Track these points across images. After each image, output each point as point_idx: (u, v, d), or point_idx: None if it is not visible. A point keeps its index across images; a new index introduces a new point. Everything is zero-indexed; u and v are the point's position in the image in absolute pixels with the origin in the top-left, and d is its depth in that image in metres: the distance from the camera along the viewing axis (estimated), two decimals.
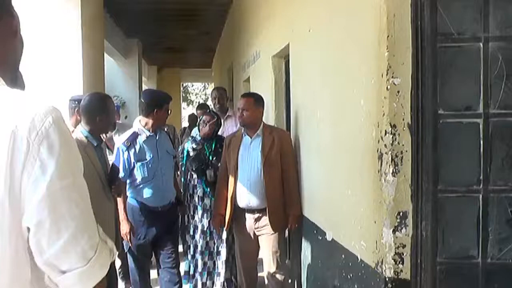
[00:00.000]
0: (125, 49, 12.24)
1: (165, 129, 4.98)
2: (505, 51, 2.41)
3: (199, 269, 5.11)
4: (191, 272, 5.18)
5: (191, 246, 5.18)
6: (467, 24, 2.44)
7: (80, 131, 3.67)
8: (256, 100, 4.46)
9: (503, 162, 2.45)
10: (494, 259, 2.47)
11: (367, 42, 2.66)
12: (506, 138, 2.44)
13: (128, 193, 4.42)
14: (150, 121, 4.39)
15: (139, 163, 4.31)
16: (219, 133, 5.43)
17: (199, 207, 5.09)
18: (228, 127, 6.41)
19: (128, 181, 4.39)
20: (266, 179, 4.25)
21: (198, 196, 5.10)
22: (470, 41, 2.44)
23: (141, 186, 4.36)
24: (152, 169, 4.35)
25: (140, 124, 4.42)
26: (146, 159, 4.34)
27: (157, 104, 4.39)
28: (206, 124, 5.09)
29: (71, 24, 6.64)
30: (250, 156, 4.36)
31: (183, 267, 5.14)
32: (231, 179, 4.47)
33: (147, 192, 4.38)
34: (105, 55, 9.03)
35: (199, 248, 5.09)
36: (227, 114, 6.57)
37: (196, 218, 5.11)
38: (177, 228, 4.90)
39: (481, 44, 2.43)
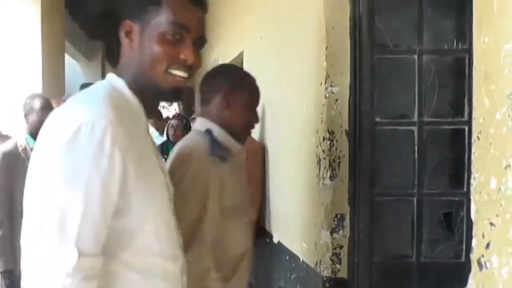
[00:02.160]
0: (87, 51, 12.14)
1: None
2: (438, 63, 2.55)
3: None
4: None
5: None
6: (403, 37, 2.57)
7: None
8: None
9: (436, 167, 2.59)
10: (427, 258, 2.60)
11: (309, 52, 2.78)
12: (439, 145, 2.58)
13: None
14: None
15: None
16: None
17: None
18: None
19: None
20: None
21: None
22: (405, 53, 2.57)
23: None
24: None
25: None
26: None
27: None
28: (174, 128, 5.14)
29: (30, 21, 6.56)
30: None
31: None
32: None
33: None
34: (67, 57, 8.98)
35: None
36: (192, 116, 6.30)
37: None
38: None
39: (416, 56, 2.55)
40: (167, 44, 1.39)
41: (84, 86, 3.25)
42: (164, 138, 5.41)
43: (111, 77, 1.45)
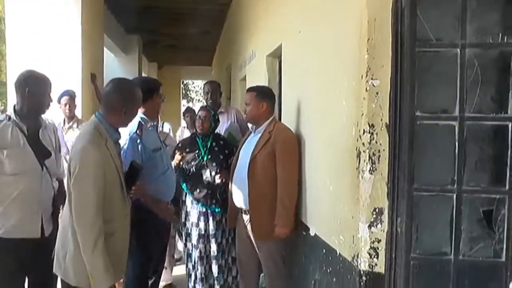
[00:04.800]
0: (125, 45, 12.32)
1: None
2: (481, 57, 2.52)
3: (202, 275, 4.82)
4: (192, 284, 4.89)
5: (185, 254, 4.97)
6: (445, 30, 2.54)
7: (99, 121, 3.07)
8: (259, 94, 4.10)
9: (476, 164, 2.56)
10: (465, 256, 2.58)
11: (350, 44, 2.77)
12: (480, 141, 2.55)
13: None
14: (143, 109, 3.84)
15: (157, 153, 3.87)
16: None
17: (193, 211, 4.79)
18: (220, 124, 5.69)
19: None
20: (250, 180, 3.92)
21: (192, 199, 4.81)
22: (447, 47, 2.54)
23: (159, 178, 3.86)
24: (165, 160, 4.00)
25: (140, 114, 3.84)
26: (161, 149, 3.95)
27: (148, 91, 3.83)
28: (201, 120, 4.85)
29: (71, 18, 6.73)
30: (246, 153, 4.06)
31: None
32: (231, 176, 4.25)
33: (163, 185, 3.95)
34: (105, 50, 9.13)
35: (197, 254, 4.79)
36: (219, 110, 5.96)
37: (188, 225, 4.83)
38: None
39: (458, 50, 2.53)
40: None
41: (113, 80, 3.24)
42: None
43: None
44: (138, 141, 3.74)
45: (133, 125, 3.70)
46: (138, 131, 3.76)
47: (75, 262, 2.85)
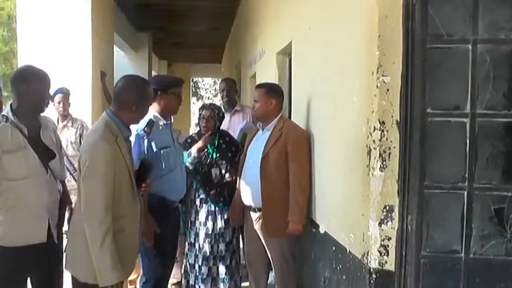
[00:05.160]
0: (135, 43, 12.34)
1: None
2: (493, 53, 2.50)
3: (204, 275, 4.71)
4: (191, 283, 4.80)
5: (192, 255, 4.82)
6: (456, 26, 2.52)
7: (110, 118, 3.04)
8: (268, 91, 4.10)
9: (488, 161, 2.54)
10: (476, 254, 2.56)
11: (360, 41, 2.76)
12: (492, 138, 2.53)
13: None
14: (157, 107, 3.93)
15: (163, 151, 3.84)
16: (225, 128, 5.21)
17: (202, 211, 4.73)
18: (235, 123, 5.83)
19: None
20: (262, 177, 3.89)
21: (201, 198, 4.74)
22: (459, 42, 2.52)
23: (163, 177, 3.82)
24: (173, 159, 3.93)
25: (154, 111, 3.90)
26: (169, 147, 3.91)
27: (160, 88, 3.90)
28: (205, 119, 4.72)
29: (82, 16, 6.75)
30: (256, 150, 4.03)
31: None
32: (239, 174, 4.24)
33: (169, 184, 3.89)
34: (115, 48, 9.15)
35: (202, 253, 4.70)
36: (235, 108, 5.96)
37: (197, 224, 4.75)
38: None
39: (470, 46, 2.51)
40: None
41: (125, 76, 3.23)
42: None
43: None
44: (145, 138, 3.73)
45: (143, 122, 3.68)
46: (146, 129, 3.74)
47: (84, 258, 2.84)
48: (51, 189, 3.23)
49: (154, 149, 3.78)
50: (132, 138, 3.42)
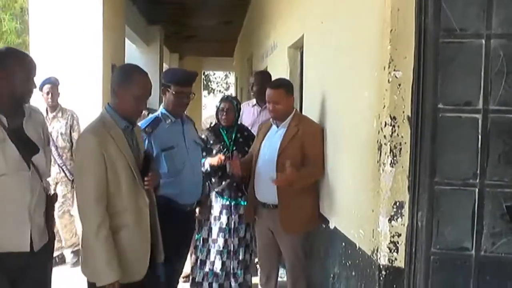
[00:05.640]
0: (147, 36, 12.35)
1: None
2: (507, 48, 2.47)
3: (217, 270, 4.65)
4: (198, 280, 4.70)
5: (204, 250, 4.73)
6: (470, 20, 2.49)
7: (106, 111, 2.91)
8: (288, 91, 3.97)
9: (500, 158, 2.51)
10: (487, 252, 2.54)
11: (372, 35, 2.73)
12: (504, 134, 2.50)
13: None
14: (165, 103, 3.76)
15: (165, 153, 3.63)
16: (251, 122, 5.18)
17: (216, 205, 4.65)
18: (263, 118, 5.40)
19: None
20: (279, 173, 3.69)
21: (216, 192, 4.67)
22: (472, 37, 2.49)
23: (168, 180, 3.53)
24: (180, 160, 3.70)
25: (163, 108, 3.76)
26: (173, 148, 3.67)
27: (162, 83, 3.72)
28: (224, 112, 4.64)
29: (93, 9, 6.77)
30: (271, 146, 3.95)
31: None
32: (253, 170, 4.12)
33: (179, 187, 3.66)
34: (127, 41, 9.17)
35: (215, 248, 4.64)
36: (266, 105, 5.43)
37: (211, 219, 4.66)
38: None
39: (483, 41, 2.48)
40: None
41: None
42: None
43: None
44: (145, 138, 3.51)
45: (145, 121, 3.65)
46: (146, 129, 3.58)
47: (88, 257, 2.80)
48: (34, 188, 2.75)
49: (155, 152, 3.57)
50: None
